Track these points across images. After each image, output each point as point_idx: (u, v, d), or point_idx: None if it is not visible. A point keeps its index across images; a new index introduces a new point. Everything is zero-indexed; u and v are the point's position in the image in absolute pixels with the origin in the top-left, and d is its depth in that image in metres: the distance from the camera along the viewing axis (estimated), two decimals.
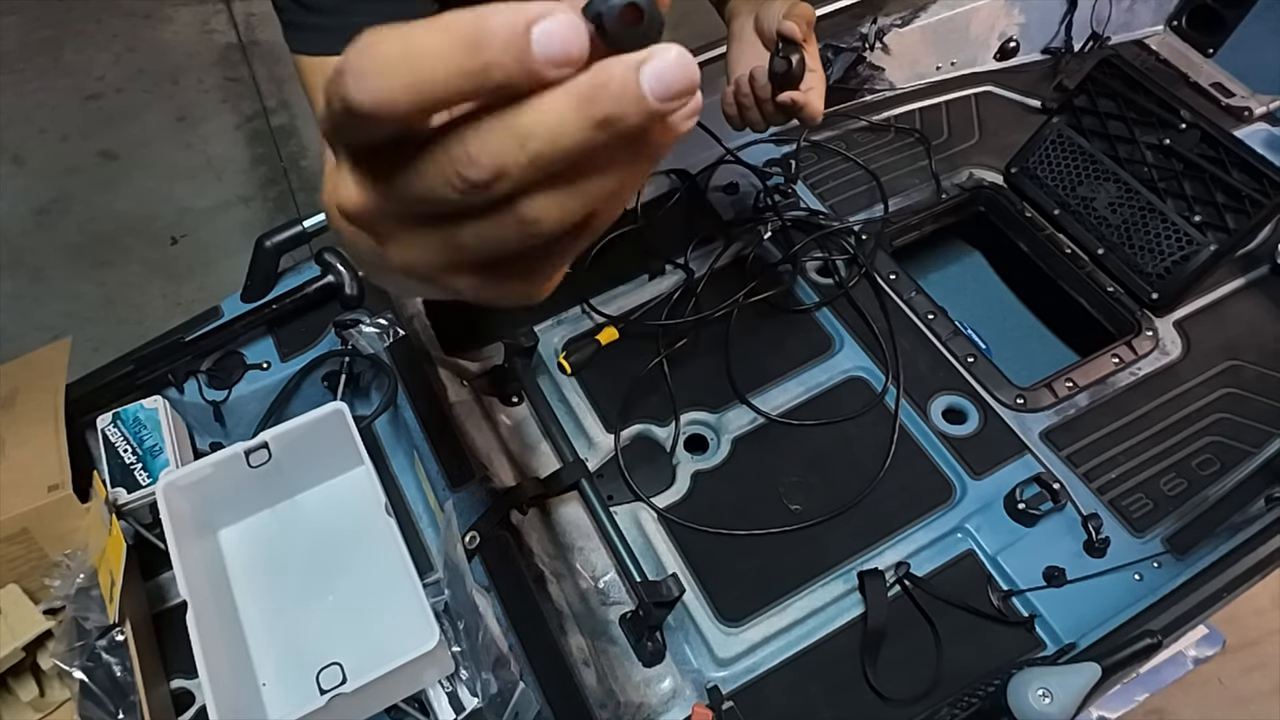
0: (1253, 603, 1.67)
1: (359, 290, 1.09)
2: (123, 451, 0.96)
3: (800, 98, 0.87)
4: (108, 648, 0.85)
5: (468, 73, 0.23)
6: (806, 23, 0.88)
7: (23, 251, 2.31)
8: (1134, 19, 1.44)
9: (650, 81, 0.23)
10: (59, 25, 2.84)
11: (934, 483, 1.00)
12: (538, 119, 0.24)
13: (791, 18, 0.87)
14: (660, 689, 0.86)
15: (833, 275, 1.18)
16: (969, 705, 0.81)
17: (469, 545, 0.88)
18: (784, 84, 0.87)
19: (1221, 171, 1.08)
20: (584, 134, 0.24)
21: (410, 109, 0.24)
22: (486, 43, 0.23)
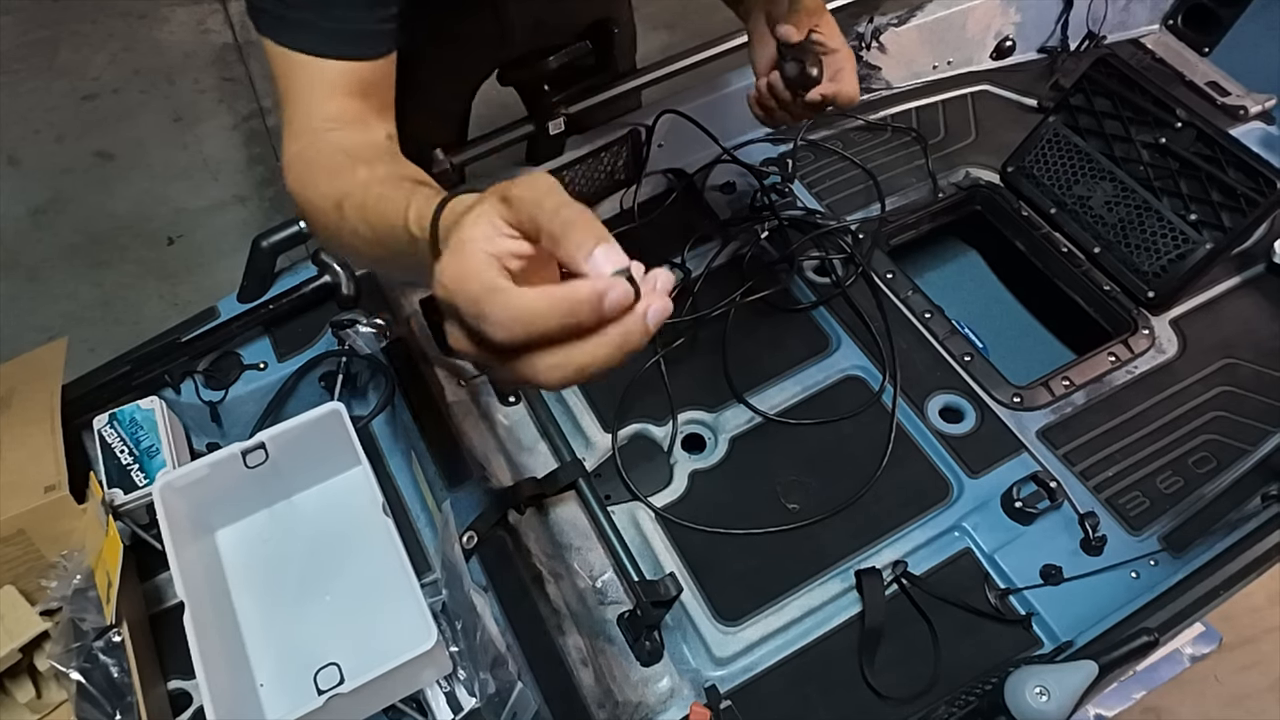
0: (1249, 600, 1.67)
1: (355, 290, 1.09)
2: (119, 452, 0.96)
3: (828, 91, 0.85)
4: (105, 649, 0.85)
5: (564, 326, 0.43)
6: (808, 13, 0.87)
7: (18, 252, 2.31)
8: (1130, 18, 1.45)
9: (652, 321, 0.44)
10: (55, 25, 2.83)
11: (931, 481, 1.00)
12: (593, 358, 0.44)
13: (791, 16, 0.86)
14: (658, 688, 0.86)
15: (830, 274, 1.18)
16: (966, 703, 0.81)
17: (466, 545, 0.88)
18: (801, 85, 0.85)
19: (1217, 170, 1.09)
20: (615, 360, 0.44)
21: (522, 345, 0.44)
22: (577, 312, 0.42)
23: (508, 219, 0.46)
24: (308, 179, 0.70)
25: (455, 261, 0.45)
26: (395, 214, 0.59)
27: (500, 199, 0.46)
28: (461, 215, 0.48)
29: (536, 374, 0.45)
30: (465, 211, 0.48)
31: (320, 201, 0.68)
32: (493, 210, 0.46)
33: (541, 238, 0.45)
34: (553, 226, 0.44)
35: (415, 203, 0.57)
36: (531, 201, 0.45)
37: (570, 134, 1.22)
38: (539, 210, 0.44)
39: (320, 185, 0.68)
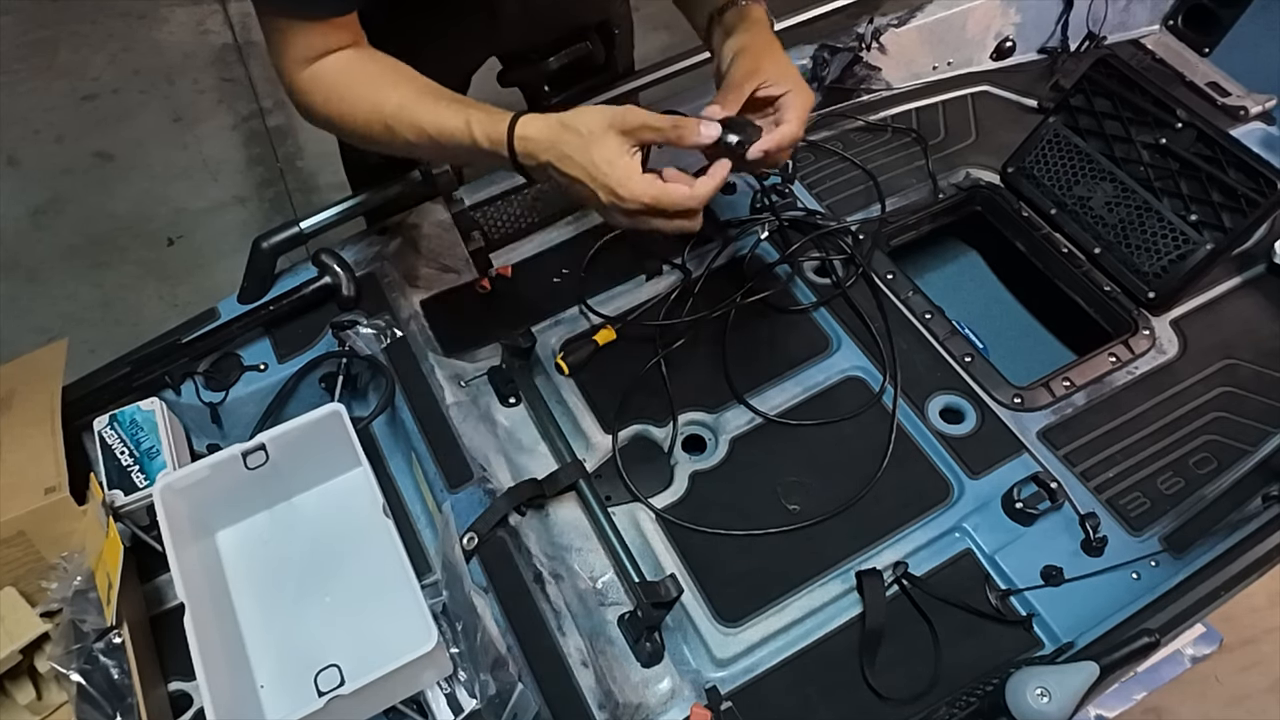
0: (1250, 601, 1.67)
1: (356, 291, 1.09)
2: (120, 453, 0.96)
3: (764, 148, 0.83)
4: (105, 650, 0.85)
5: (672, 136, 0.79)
6: (745, 74, 0.85)
7: (18, 253, 2.31)
8: (1130, 18, 1.45)
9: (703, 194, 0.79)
10: (54, 26, 2.83)
11: (932, 482, 1.00)
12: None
13: (731, 85, 0.85)
14: (659, 689, 0.86)
15: (830, 275, 1.18)
16: (967, 704, 0.81)
17: (467, 546, 0.88)
18: (736, 156, 0.83)
19: (1218, 170, 1.09)
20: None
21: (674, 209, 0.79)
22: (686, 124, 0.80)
23: (630, 141, 0.77)
24: (340, 104, 0.87)
25: (627, 184, 0.76)
26: (458, 130, 0.82)
27: (620, 132, 0.77)
28: (581, 141, 0.77)
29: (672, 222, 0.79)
30: (578, 137, 0.77)
31: (362, 127, 0.87)
32: (621, 142, 0.77)
33: (660, 136, 0.78)
34: (665, 125, 0.78)
35: (475, 121, 0.81)
36: (642, 124, 0.77)
37: None
38: (649, 127, 0.77)
39: (359, 109, 0.86)
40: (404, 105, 0.85)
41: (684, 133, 0.78)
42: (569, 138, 0.77)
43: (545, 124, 0.79)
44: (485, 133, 0.81)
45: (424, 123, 0.84)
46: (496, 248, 1.20)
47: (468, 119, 0.82)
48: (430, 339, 1.10)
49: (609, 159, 0.76)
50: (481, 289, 1.16)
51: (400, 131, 0.86)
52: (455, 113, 0.83)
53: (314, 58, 0.87)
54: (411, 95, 0.86)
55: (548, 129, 0.79)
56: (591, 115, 0.77)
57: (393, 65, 0.89)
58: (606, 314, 1.12)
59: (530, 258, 1.20)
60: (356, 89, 0.87)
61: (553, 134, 0.78)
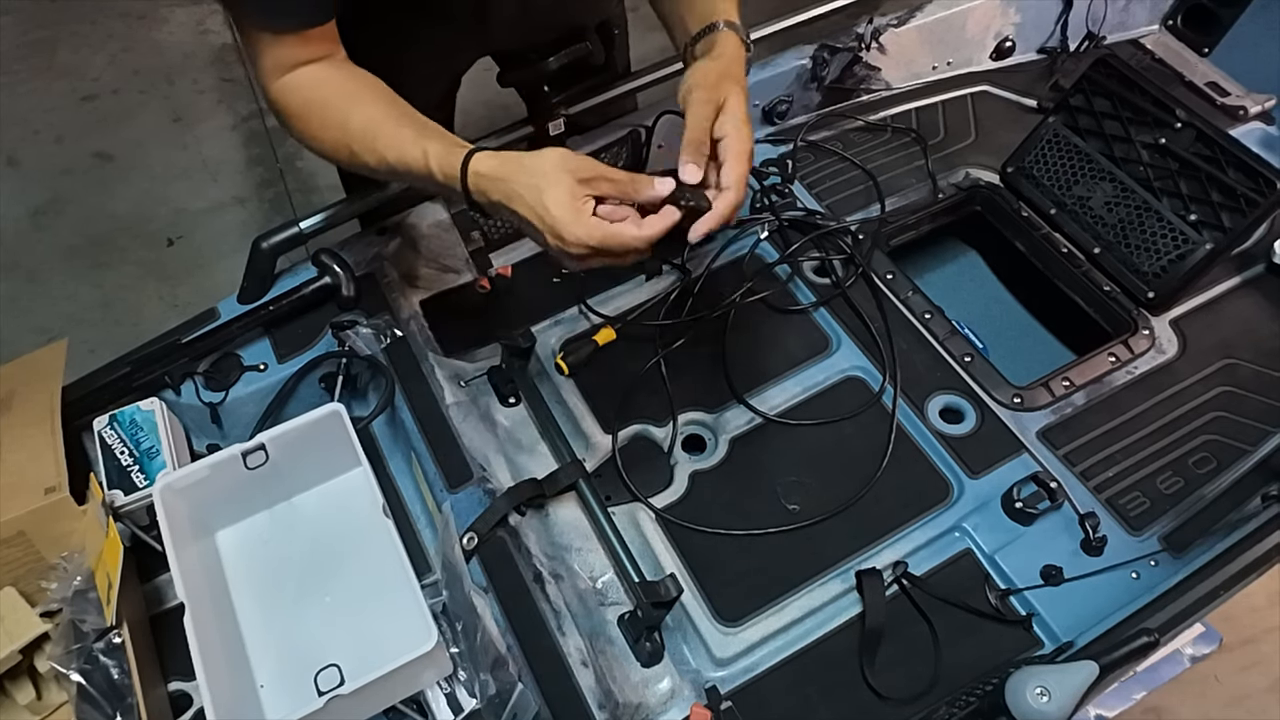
0: (1249, 600, 1.67)
1: (355, 291, 1.09)
2: (119, 453, 0.96)
3: (702, 230, 0.80)
4: (105, 650, 0.85)
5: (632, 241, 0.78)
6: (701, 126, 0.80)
7: (18, 253, 2.31)
8: (1129, 18, 1.45)
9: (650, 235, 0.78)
10: (54, 26, 2.83)
11: (931, 482, 1.00)
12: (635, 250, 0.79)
13: (690, 142, 0.80)
14: (659, 689, 0.86)
15: (830, 275, 1.18)
16: (967, 704, 0.82)
17: (467, 546, 0.88)
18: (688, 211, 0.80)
19: (1217, 170, 1.09)
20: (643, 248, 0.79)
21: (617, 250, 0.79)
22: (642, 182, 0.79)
23: (584, 189, 0.76)
24: (309, 128, 0.88)
25: (579, 225, 0.75)
26: (415, 160, 0.82)
27: (575, 179, 0.75)
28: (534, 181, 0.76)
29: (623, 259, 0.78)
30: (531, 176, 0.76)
31: (329, 148, 0.88)
32: (574, 188, 0.75)
33: (614, 189, 0.77)
34: (621, 178, 0.77)
35: (433, 153, 0.81)
36: (597, 175, 0.76)
37: (570, 135, 1.22)
38: (605, 179, 0.77)
39: (327, 129, 0.87)
40: (367, 129, 0.85)
41: (639, 187, 0.77)
42: (521, 178, 0.77)
43: (500, 162, 0.79)
44: (440, 166, 0.81)
45: (384, 149, 0.84)
46: (496, 247, 1.20)
47: (425, 150, 0.82)
48: (430, 339, 1.10)
49: (559, 201, 0.75)
50: (481, 289, 1.16)
51: (362, 156, 0.86)
52: (414, 142, 0.83)
53: (287, 68, 0.87)
54: (375, 118, 0.85)
55: (501, 167, 0.78)
56: (548, 158, 0.76)
57: (364, 83, 0.89)
58: (606, 314, 1.12)
59: (530, 257, 1.20)
60: (325, 108, 0.87)
61: (505, 172, 0.78)
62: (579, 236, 0.75)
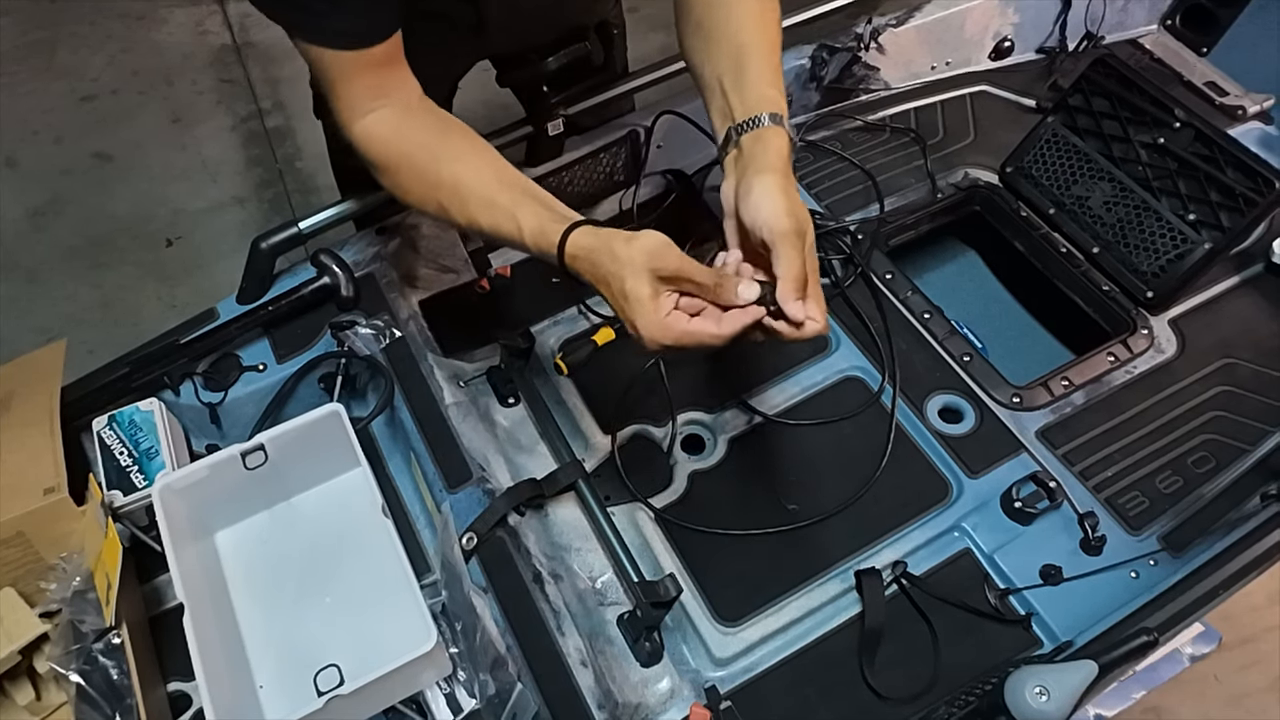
0: (1248, 599, 1.67)
1: (355, 292, 1.09)
2: (119, 454, 0.96)
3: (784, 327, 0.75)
4: (104, 651, 0.84)
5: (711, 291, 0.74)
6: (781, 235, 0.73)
7: (17, 254, 2.31)
8: (1128, 18, 1.45)
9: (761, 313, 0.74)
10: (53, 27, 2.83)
11: (930, 482, 1.00)
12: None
13: (792, 288, 0.73)
14: (658, 689, 0.86)
15: (829, 275, 1.18)
16: (966, 704, 0.82)
17: (466, 546, 0.88)
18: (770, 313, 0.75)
19: (1216, 170, 1.09)
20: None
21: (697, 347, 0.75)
22: (726, 288, 0.74)
23: (666, 285, 0.74)
24: (397, 180, 0.88)
25: (654, 326, 0.73)
26: (509, 230, 0.82)
27: (657, 277, 0.73)
28: (621, 271, 0.74)
29: (699, 351, 0.75)
30: (620, 267, 0.74)
31: (415, 197, 0.88)
32: (656, 286, 0.73)
33: (698, 291, 0.74)
34: (706, 281, 0.73)
35: (527, 227, 0.80)
36: (684, 272, 0.73)
37: (569, 135, 1.22)
38: (689, 280, 0.73)
39: (413, 186, 0.87)
40: (457, 190, 0.84)
41: (723, 292, 0.73)
42: (610, 266, 0.75)
43: (594, 244, 0.76)
44: (535, 240, 0.80)
45: (475, 213, 0.84)
46: (495, 248, 1.20)
47: (519, 224, 0.81)
48: (429, 339, 1.10)
49: (640, 299, 0.73)
50: (480, 289, 1.16)
51: (452, 214, 0.86)
52: (506, 213, 0.82)
53: (365, 108, 0.86)
54: (464, 179, 0.84)
55: (593, 251, 0.76)
56: (637, 251, 0.73)
57: (447, 134, 0.88)
58: (606, 314, 1.12)
59: (529, 258, 1.20)
60: (411, 162, 0.87)
61: (596, 257, 0.76)
62: (653, 336, 0.73)
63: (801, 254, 0.74)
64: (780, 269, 0.74)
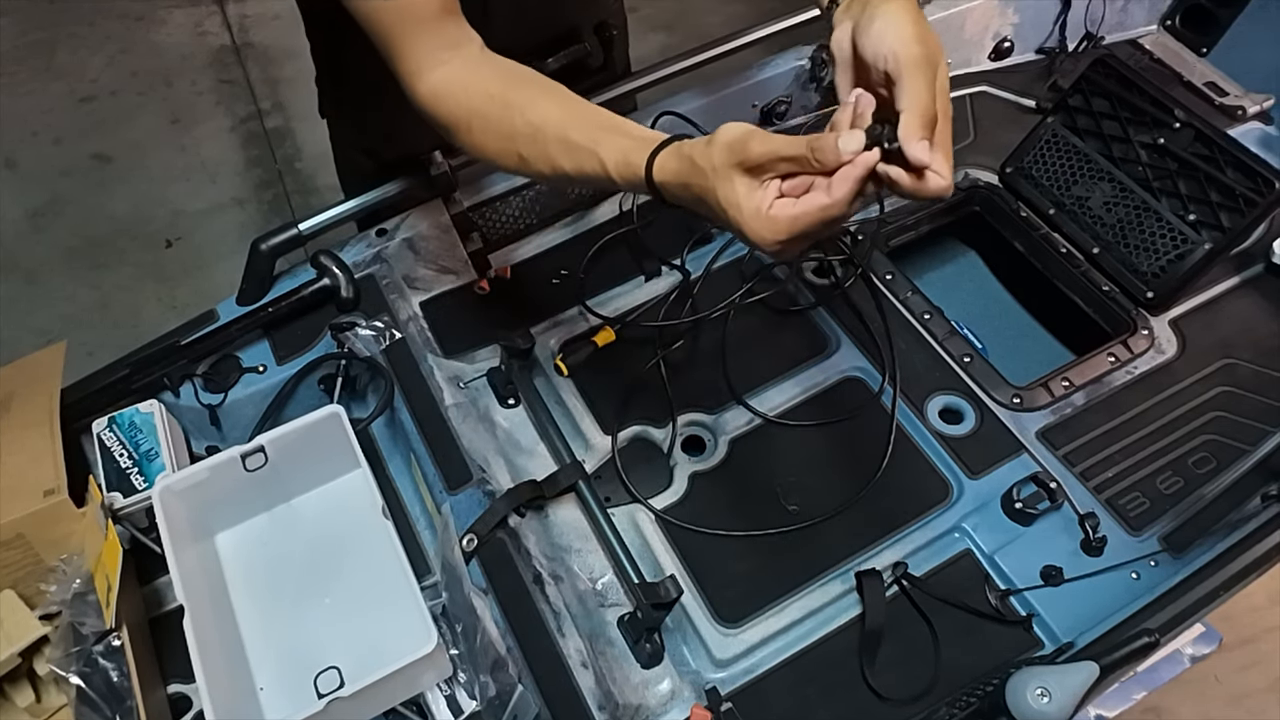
0: (1249, 600, 1.67)
1: (355, 293, 1.09)
2: (118, 456, 0.96)
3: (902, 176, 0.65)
4: (104, 653, 0.84)
5: (825, 210, 0.63)
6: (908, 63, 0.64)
7: (16, 255, 2.31)
8: (1128, 18, 1.45)
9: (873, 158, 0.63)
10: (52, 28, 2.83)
11: (931, 483, 1.00)
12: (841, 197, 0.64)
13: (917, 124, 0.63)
14: (659, 690, 0.86)
15: (829, 275, 1.18)
16: (967, 705, 0.82)
17: (466, 548, 0.88)
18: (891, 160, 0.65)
19: (1216, 170, 1.09)
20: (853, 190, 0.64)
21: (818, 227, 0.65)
22: (823, 148, 0.62)
23: (758, 175, 0.65)
24: (471, 133, 0.84)
25: (763, 224, 0.65)
26: (590, 166, 0.76)
27: (746, 171, 0.65)
28: (710, 182, 0.66)
29: (824, 232, 0.66)
30: (707, 177, 0.66)
31: (494, 152, 0.84)
32: (748, 182, 0.65)
33: (797, 166, 0.64)
34: (800, 152, 0.63)
35: (608, 156, 0.75)
36: (771, 152, 0.64)
37: None
38: (780, 158, 0.64)
39: (490, 141, 0.83)
40: (535, 139, 0.80)
41: (823, 155, 0.63)
42: (700, 181, 0.68)
43: (678, 163, 0.70)
44: (623, 175, 0.74)
45: (557, 158, 0.79)
46: (495, 249, 1.20)
47: (602, 162, 0.75)
48: (429, 340, 1.10)
49: (736, 202, 0.65)
50: (480, 290, 1.16)
51: (535, 164, 0.81)
52: (588, 153, 0.76)
53: (428, 67, 0.83)
54: (540, 125, 0.80)
55: (679, 169, 0.70)
56: (716, 150, 0.66)
57: (518, 81, 0.84)
58: (606, 315, 1.12)
59: (529, 259, 1.20)
60: (484, 117, 0.82)
61: (684, 174, 0.69)
62: (764, 236, 0.65)
63: (931, 85, 0.65)
64: (904, 101, 0.64)
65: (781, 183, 0.66)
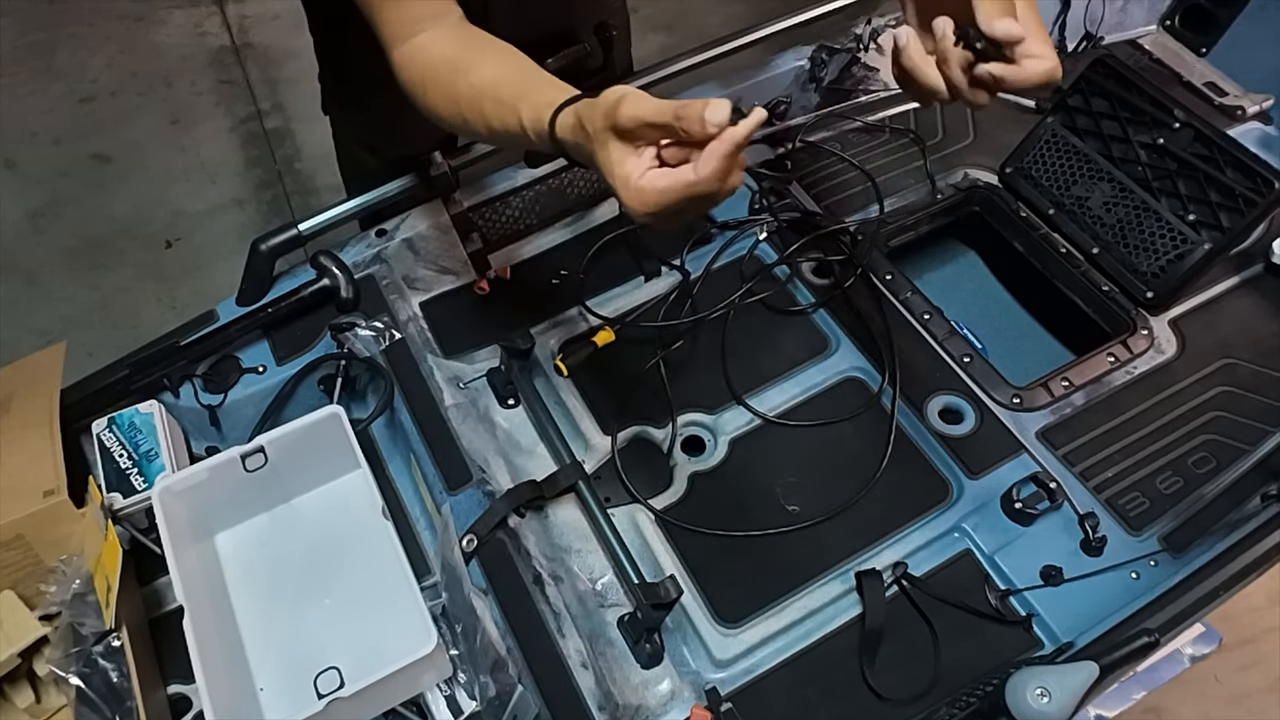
0: (1249, 600, 1.67)
1: (354, 293, 1.09)
2: (118, 456, 0.96)
3: (1017, 77, 0.65)
4: (104, 653, 0.84)
5: (697, 183, 0.61)
6: None
7: (16, 255, 2.31)
8: (1127, 18, 1.45)
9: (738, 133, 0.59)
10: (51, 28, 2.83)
11: (931, 483, 1.00)
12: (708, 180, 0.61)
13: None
14: (659, 691, 0.86)
15: (829, 276, 1.18)
16: (967, 705, 0.81)
17: (466, 548, 0.88)
18: (983, 56, 0.66)
19: (1215, 170, 1.09)
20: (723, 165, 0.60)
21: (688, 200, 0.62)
22: (688, 116, 0.59)
23: (631, 140, 0.64)
24: (426, 95, 0.85)
25: (630, 195, 0.64)
26: (512, 123, 0.76)
27: (617, 136, 0.63)
28: (592, 145, 0.66)
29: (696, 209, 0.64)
30: (590, 140, 0.66)
31: (444, 115, 0.84)
32: (621, 148, 0.64)
33: (667, 134, 0.62)
34: (664, 119, 0.61)
35: (525, 114, 0.75)
36: (637, 118, 0.62)
37: None
38: (647, 124, 0.62)
39: (440, 103, 0.84)
40: (473, 97, 0.79)
41: (689, 126, 0.60)
42: (585, 141, 0.67)
43: (572, 121, 0.69)
44: (535, 132, 0.74)
45: (490, 117, 0.79)
46: (495, 249, 1.20)
47: (520, 118, 0.75)
48: (429, 341, 1.10)
49: (610, 168, 0.64)
50: (480, 290, 1.16)
51: (474, 125, 0.81)
52: (510, 109, 0.76)
53: (405, 35, 0.84)
54: (480, 84, 0.79)
55: (574, 128, 0.69)
56: (599, 110, 0.65)
57: (476, 46, 0.84)
58: (605, 315, 1.12)
59: (529, 259, 1.20)
60: (437, 79, 0.83)
61: (577, 134, 0.69)
62: (633, 208, 0.64)
63: None
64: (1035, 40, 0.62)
65: (660, 150, 0.64)
